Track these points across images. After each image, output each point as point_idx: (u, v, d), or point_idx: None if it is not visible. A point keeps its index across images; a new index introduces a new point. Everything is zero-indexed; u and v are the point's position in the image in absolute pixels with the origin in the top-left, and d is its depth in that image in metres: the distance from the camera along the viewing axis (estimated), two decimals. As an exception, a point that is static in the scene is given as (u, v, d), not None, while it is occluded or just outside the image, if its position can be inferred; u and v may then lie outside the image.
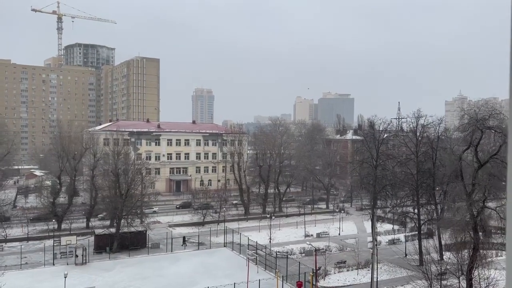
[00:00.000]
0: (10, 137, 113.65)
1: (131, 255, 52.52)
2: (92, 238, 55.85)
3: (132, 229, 55.97)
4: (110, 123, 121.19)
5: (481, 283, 32.06)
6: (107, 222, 64.43)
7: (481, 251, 40.95)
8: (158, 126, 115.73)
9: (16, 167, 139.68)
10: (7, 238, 58.79)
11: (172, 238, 56.94)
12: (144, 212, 65.99)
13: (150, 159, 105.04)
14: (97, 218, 70.33)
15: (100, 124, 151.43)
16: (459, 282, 32.64)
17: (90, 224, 68.01)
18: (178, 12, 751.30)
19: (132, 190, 61.14)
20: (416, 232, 53.96)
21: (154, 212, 78.46)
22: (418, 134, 55.74)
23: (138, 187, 66.36)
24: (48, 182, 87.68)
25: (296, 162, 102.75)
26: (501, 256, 52.07)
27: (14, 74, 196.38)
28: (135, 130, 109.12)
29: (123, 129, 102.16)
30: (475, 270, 35.80)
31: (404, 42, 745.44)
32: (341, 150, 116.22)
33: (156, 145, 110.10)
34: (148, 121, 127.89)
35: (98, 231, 56.80)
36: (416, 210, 54.53)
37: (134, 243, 54.54)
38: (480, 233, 41.34)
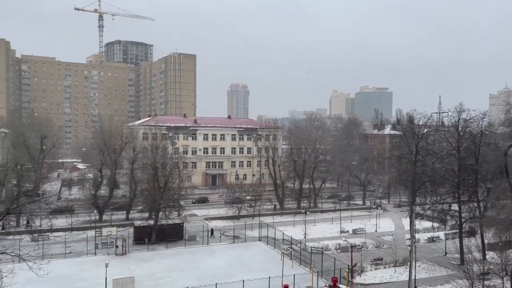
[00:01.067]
0: (55, 131, 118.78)
1: (169, 246, 53.83)
2: (131, 230, 57.69)
3: (170, 221, 57.32)
4: (149, 118, 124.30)
5: (527, 284, 30.62)
6: (146, 214, 66.26)
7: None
8: (195, 121, 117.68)
9: (61, 160, 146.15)
10: (53, 228, 61.70)
11: (208, 231, 57.90)
12: (181, 204, 67.32)
13: (187, 153, 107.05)
14: (136, 210, 72.47)
15: (139, 119, 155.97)
16: (503, 283, 31.32)
17: (129, 216, 70.20)
18: (213, 9, 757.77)
19: (170, 184, 62.49)
20: (457, 230, 52.16)
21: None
22: (460, 129, 53.61)
23: (176, 180, 67.69)
24: (90, 175, 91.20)
25: (332, 157, 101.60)
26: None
27: (58, 71, 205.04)
28: (172, 125, 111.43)
29: (161, 124, 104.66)
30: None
31: (446, 35, 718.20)
32: (378, 145, 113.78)
33: (192, 139, 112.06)
34: (185, 116, 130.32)
35: (137, 223, 58.54)
36: (457, 208, 52.67)
37: (172, 235, 55.82)
38: (527, 233, 39.46)
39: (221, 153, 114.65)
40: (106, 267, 34.45)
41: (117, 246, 50.55)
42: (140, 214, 70.17)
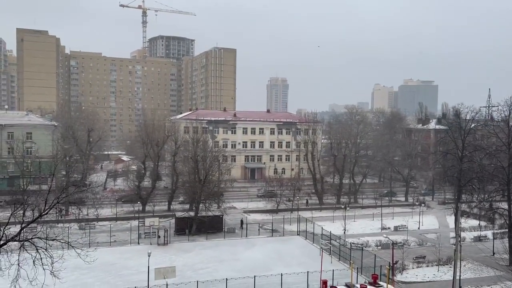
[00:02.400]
0: (101, 125, 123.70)
1: (208, 238, 54.82)
2: (173, 221, 59.22)
3: (210, 213, 58.34)
4: (190, 112, 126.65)
5: None
6: (187, 206, 67.75)
7: None
8: (234, 115, 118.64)
9: (106, 152, 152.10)
10: (99, 217, 64.42)
11: (247, 224, 58.42)
12: (221, 197, 68.26)
13: (226, 147, 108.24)
14: (177, 201, 74.24)
15: (181, 113, 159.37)
16: (557, 287, 29.58)
17: (171, 207, 72.06)
18: (253, 3, 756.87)
19: (210, 176, 63.50)
20: (506, 230, 49.70)
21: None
22: (510, 123, 50.92)
23: (216, 173, 68.67)
24: (134, 167, 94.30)
25: (373, 152, 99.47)
26: None
27: (104, 66, 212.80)
28: (213, 118, 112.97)
29: (202, 118, 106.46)
30: None
31: (494, 21, 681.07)
32: (422, 141, 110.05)
33: (232, 133, 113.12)
34: (225, 110, 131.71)
35: (178, 214, 59.99)
36: (506, 206, 50.14)
37: (211, 227, 56.81)
38: None
39: (260, 147, 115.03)
40: (149, 256, 35.58)
41: (159, 236, 52.08)
42: (181, 205, 71.85)
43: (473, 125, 60.10)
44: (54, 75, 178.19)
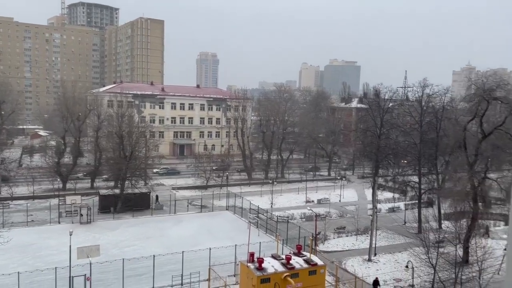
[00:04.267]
0: (14, 96, 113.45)
1: (135, 215, 53.60)
2: (96, 198, 56.88)
3: (136, 191, 56.85)
4: (114, 85, 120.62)
5: (477, 251, 32.64)
6: (112, 183, 65.33)
7: (479, 220, 41.54)
8: (162, 90, 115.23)
9: (21, 126, 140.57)
10: (13, 196, 59.90)
11: (175, 200, 57.89)
12: (148, 174, 66.71)
13: (154, 122, 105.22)
14: (101, 179, 71.26)
15: (104, 86, 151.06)
16: (456, 250, 33.24)
17: (94, 184, 69.01)
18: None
19: (136, 153, 61.61)
20: (416, 201, 54.55)
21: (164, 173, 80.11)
22: (423, 103, 55.25)
23: (142, 149, 66.78)
24: (53, 142, 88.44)
25: (300, 129, 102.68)
26: (499, 226, 52.82)
27: (17, 32, 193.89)
28: (139, 92, 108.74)
29: (127, 92, 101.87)
30: (472, 239, 36.42)
31: (414, 10, 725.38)
32: (345, 118, 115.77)
33: (160, 108, 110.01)
34: (152, 84, 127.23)
35: (102, 192, 57.73)
36: (417, 179, 54.90)
37: (138, 204, 55.52)
38: (480, 203, 41.74)
39: (189, 123, 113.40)
40: (70, 235, 33.95)
41: (81, 215, 49.83)
42: (105, 183, 69.10)
43: (390, 105, 64.16)
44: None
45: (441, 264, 33.44)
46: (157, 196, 59.43)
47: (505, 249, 39.10)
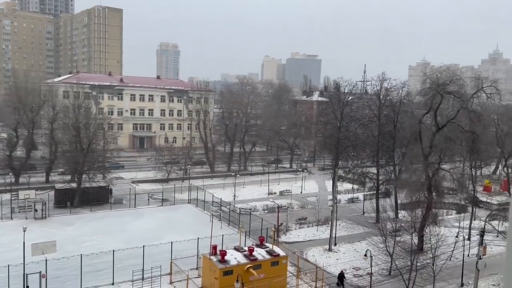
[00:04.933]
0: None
1: (93, 210, 52.05)
2: (52, 193, 54.70)
3: (94, 184, 55.18)
4: (70, 75, 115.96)
5: (431, 239, 34.14)
6: (68, 177, 63.02)
7: (433, 210, 43.43)
8: (121, 80, 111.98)
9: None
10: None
11: (135, 194, 56.67)
12: (107, 167, 64.88)
13: (112, 114, 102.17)
14: (57, 172, 68.61)
15: (59, 76, 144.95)
16: (412, 239, 34.62)
17: (49, 178, 66.35)
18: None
19: (94, 145, 59.74)
20: (375, 192, 56.28)
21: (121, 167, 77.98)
22: (381, 97, 56.89)
23: (100, 142, 64.83)
24: (4, 135, 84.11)
25: (263, 122, 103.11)
26: (451, 215, 55.49)
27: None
28: (96, 83, 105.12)
29: (84, 82, 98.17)
30: (426, 227, 38.04)
31: (371, 6, 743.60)
32: (306, 111, 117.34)
33: (118, 99, 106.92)
34: (110, 74, 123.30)
35: (58, 186, 55.60)
36: (375, 171, 56.60)
37: (96, 198, 53.91)
38: (434, 193, 43.62)
39: (149, 114, 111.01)
40: (24, 231, 32.49)
41: (36, 210, 47.77)
42: (61, 176, 66.52)
43: (350, 98, 65.61)
44: None
45: (398, 252, 34.76)
46: (110, 190, 57.82)
47: (456, 236, 41.18)
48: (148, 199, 57.70)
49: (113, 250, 33.10)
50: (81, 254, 32.14)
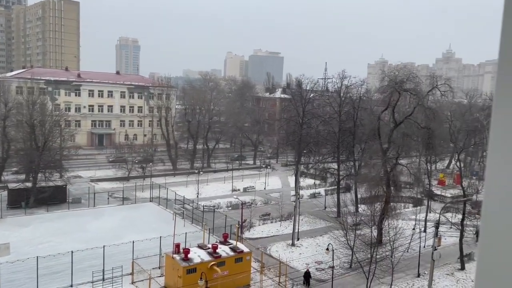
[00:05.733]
0: None
1: (50, 210, 50.13)
2: (5, 193, 52.15)
3: (51, 184, 53.12)
4: (24, 70, 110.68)
5: (390, 232, 35.32)
6: (22, 176, 60.32)
7: (391, 203, 44.94)
8: (79, 76, 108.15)
9: None
10: None
11: (94, 193, 55.03)
12: (63, 166, 62.63)
13: (69, 111, 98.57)
14: (10, 171, 65.47)
15: (12, 71, 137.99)
16: (371, 232, 35.68)
17: (2, 178, 63.21)
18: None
19: (50, 143, 57.46)
20: (336, 187, 57.52)
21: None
22: (342, 94, 58.16)
23: (57, 139, 62.46)
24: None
25: (226, 119, 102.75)
26: (408, 208, 57.63)
27: None
28: (52, 78, 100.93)
29: (39, 77, 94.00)
30: (385, 221, 39.31)
31: (327, 5, 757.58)
32: (270, 108, 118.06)
33: (76, 96, 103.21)
34: (67, 69, 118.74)
35: (11, 185, 53.12)
36: (336, 166, 57.84)
37: (53, 198, 51.94)
38: (392, 188, 45.13)
39: (109, 111, 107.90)
40: (-26, 234, 30.89)
41: (-13, 212, 45.44)
42: (15, 176, 63.55)
43: (312, 95, 66.65)
44: None
45: (358, 245, 35.72)
46: (66, 187, 55.84)
47: (413, 229, 42.87)
48: (108, 198, 56.19)
49: (72, 251, 32.03)
50: (37, 256, 30.91)
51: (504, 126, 0.93)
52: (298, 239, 43.83)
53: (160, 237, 35.93)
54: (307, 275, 34.09)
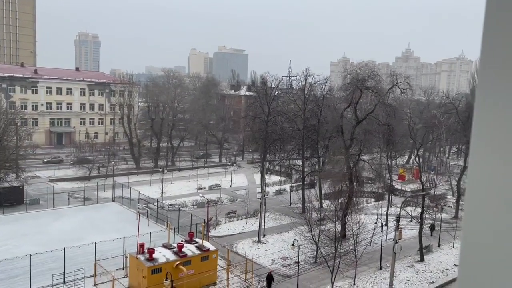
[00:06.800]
0: None
1: (5, 212, 47.95)
2: (-45, 196, 49.39)
3: (6, 184, 50.80)
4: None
5: (353, 226, 36.16)
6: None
7: (354, 198, 46.03)
8: (35, 72, 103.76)
9: None
10: None
11: (54, 194, 53.07)
12: (20, 166, 60.00)
13: (26, 109, 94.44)
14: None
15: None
16: (335, 226, 36.39)
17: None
18: None
19: (5, 142, 54.92)
20: (300, 183, 58.27)
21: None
22: (306, 92, 58.89)
23: (12, 138, 59.78)
24: None
25: (190, 116, 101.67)
26: (370, 203, 59.21)
27: None
28: (6, 75, 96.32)
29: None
30: (349, 216, 40.20)
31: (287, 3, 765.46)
32: (235, 106, 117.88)
33: (33, 93, 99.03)
34: (22, 65, 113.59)
35: (-37, 188, 50.32)
36: (301, 163, 58.57)
37: (9, 199, 49.70)
38: (354, 183, 46.21)
39: (68, 109, 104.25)
40: None
41: None
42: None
43: (276, 93, 67.08)
44: None
45: (323, 240, 36.39)
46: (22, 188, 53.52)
47: (375, 223, 44.08)
48: (69, 199, 54.37)
49: (30, 254, 30.76)
50: (-8, 261, 29.48)
51: (486, 124, 0.95)
52: (264, 236, 44.08)
53: (124, 237, 35.14)
54: (269, 278, 33.19)
